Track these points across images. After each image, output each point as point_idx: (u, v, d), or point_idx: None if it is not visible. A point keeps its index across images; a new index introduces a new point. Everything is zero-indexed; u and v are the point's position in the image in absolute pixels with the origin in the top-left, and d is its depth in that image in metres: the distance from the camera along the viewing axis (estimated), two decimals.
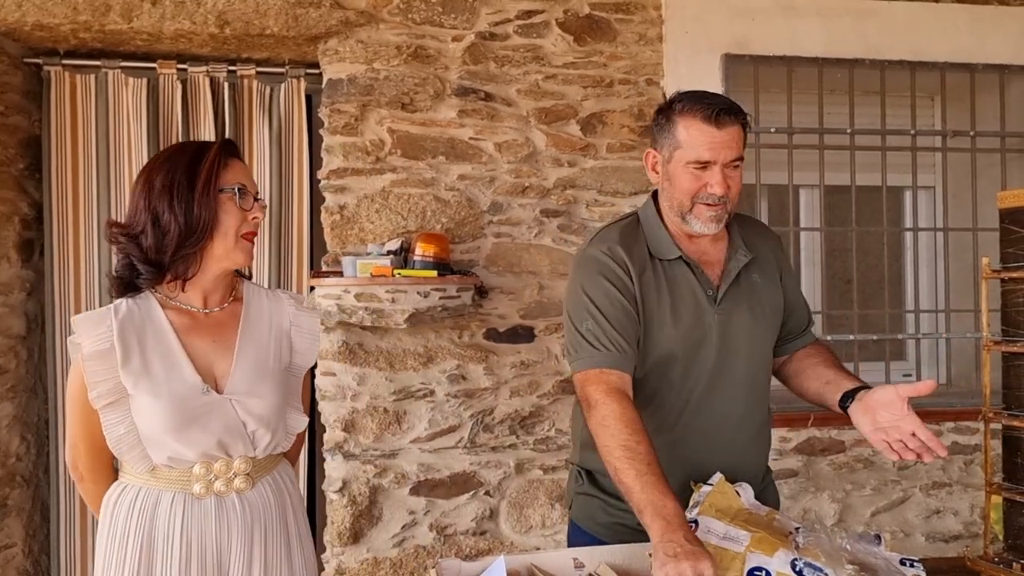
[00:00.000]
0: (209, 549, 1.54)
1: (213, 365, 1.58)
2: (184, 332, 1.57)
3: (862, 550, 1.39)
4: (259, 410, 1.58)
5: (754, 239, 1.77)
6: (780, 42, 3.08)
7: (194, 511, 1.54)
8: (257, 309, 1.68)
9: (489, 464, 2.91)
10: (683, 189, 1.62)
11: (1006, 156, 3.28)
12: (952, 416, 3.15)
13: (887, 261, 3.32)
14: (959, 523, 3.18)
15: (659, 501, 1.33)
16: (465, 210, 2.90)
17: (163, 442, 1.51)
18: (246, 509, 1.58)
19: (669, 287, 1.67)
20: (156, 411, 1.49)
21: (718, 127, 1.58)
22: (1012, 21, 3.23)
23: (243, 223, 1.57)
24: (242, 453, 1.58)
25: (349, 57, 2.84)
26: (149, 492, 1.54)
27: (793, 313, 1.82)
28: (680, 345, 1.66)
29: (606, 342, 1.59)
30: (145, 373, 1.51)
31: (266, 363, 1.64)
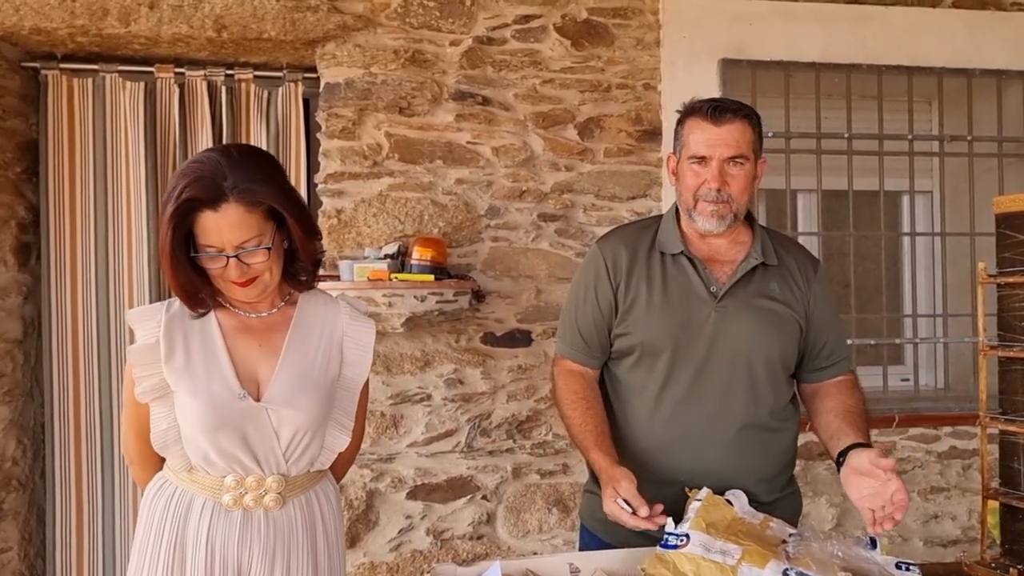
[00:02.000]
0: (231, 562, 1.51)
1: (256, 370, 1.53)
2: (231, 334, 1.54)
3: (855, 555, 1.38)
4: (295, 422, 1.52)
5: (783, 253, 1.79)
6: (778, 47, 3.09)
7: (221, 521, 1.52)
8: (310, 316, 1.61)
9: (486, 468, 2.90)
10: (686, 185, 1.71)
11: (1003, 161, 3.28)
12: (950, 421, 3.15)
13: (885, 265, 3.32)
14: (957, 528, 3.18)
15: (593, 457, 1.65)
16: (462, 214, 2.90)
17: (197, 443, 1.50)
18: (270, 528, 1.54)
19: (664, 279, 1.73)
20: (193, 411, 1.48)
21: (715, 124, 1.65)
22: (1008, 27, 3.23)
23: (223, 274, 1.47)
24: (275, 470, 1.53)
25: (347, 61, 2.84)
26: (184, 493, 1.54)
27: (822, 341, 1.79)
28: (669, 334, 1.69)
29: (574, 337, 1.81)
30: (187, 371, 1.50)
31: (311, 373, 1.56)
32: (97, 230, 2.95)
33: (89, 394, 2.94)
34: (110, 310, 2.96)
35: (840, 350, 1.83)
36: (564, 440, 2.94)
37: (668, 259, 1.75)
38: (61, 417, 2.93)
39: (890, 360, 3.37)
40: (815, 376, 1.82)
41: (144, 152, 2.92)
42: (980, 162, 3.31)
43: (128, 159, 2.95)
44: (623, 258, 1.76)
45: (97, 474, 2.94)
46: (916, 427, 3.15)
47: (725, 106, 1.67)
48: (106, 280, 2.95)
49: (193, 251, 1.45)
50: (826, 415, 1.74)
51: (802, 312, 1.76)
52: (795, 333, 1.75)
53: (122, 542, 2.95)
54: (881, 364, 3.27)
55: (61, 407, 2.93)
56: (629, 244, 1.78)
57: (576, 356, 1.81)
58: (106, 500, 2.94)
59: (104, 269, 2.95)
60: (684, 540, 1.41)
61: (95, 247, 2.94)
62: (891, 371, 3.33)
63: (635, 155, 3.00)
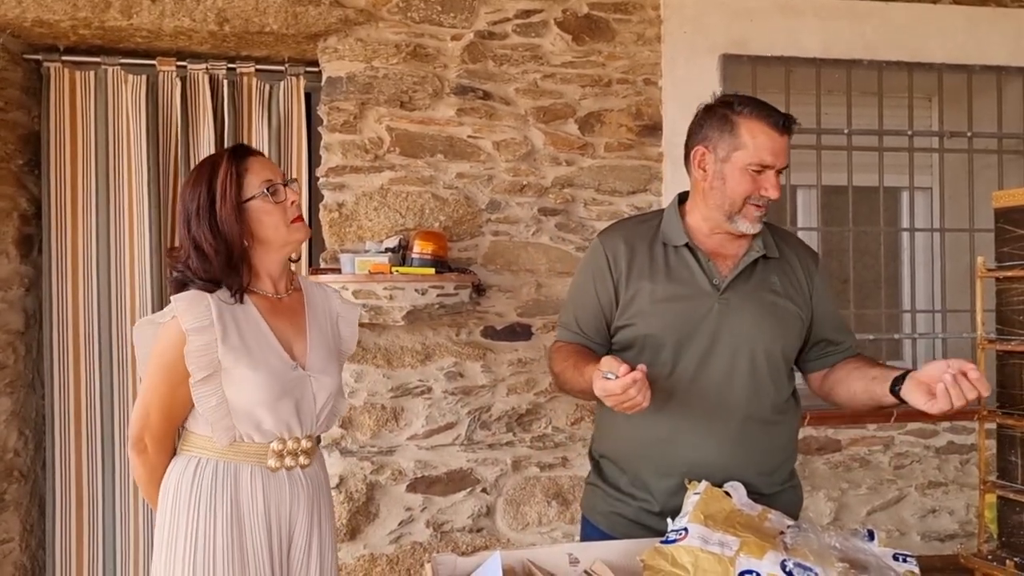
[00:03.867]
0: (283, 518, 1.67)
1: (292, 345, 1.71)
2: (268, 316, 1.69)
3: (853, 547, 1.39)
4: (329, 387, 1.73)
5: (783, 246, 1.81)
6: (778, 42, 3.09)
7: (272, 483, 1.66)
8: (314, 298, 1.82)
9: (486, 461, 2.91)
10: (738, 191, 1.67)
11: (1003, 157, 3.29)
12: (948, 416, 3.15)
13: (884, 261, 3.33)
14: (954, 522, 3.19)
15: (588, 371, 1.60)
16: (463, 208, 2.90)
17: (254, 414, 1.63)
18: (308, 483, 1.72)
19: (667, 271, 1.74)
20: (255, 383, 1.61)
21: (780, 134, 1.66)
22: (1009, 23, 3.24)
23: (285, 214, 1.66)
24: (308, 431, 1.72)
25: (348, 55, 2.84)
26: (228, 465, 1.64)
27: (826, 330, 1.82)
28: (672, 327, 1.70)
29: (574, 328, 1.83)
30: (244, 349, 1.62)
31: (331, 346, 1.80)
32: (99, 222, 2.95)
33: (90, 386, 2.95)
34: (111, 302, 2.97)
35: (847, 336, 1.85)
36: (564, 434, 2.95)
37: (671, 251, 1.75)
38: (62, 408, 2.94)
39: (889, 355, 3.38)
40: (825, 361, 1.83)
41: (146, 145, 2.93)
42: (980, 158, 3.31)
43: (130, 152, 2.95)
44: (624, 251, 1.76)
45: (97, 465, 2.95)
46: (914, 422, 3.16)
47: (788, 119, 1.67)
48: (107, 272, 2.96)
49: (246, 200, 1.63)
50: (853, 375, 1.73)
51: (804, 305, 1.77)
52: (796, 326, 1.76)
53: (122, 533, 2.96)
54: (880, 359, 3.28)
55: (62, 398, 2.94)
56: (630, 237, 1.79)
57: (575, 341, 1.83)
58: (106, 491, 2.95)
59: (106, 261, 2.95)
60: (683, 534, 1.42)
61: (96, 239, 2.95)
62: None
63: (635, 150, 3.00)
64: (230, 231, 1.62)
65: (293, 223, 1.68)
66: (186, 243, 1.65)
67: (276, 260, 1.72)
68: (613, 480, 1.80)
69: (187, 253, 1.65)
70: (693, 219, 1.77)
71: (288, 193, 1.68)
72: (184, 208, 1.65)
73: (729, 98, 1.72)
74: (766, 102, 1.70)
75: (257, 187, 1.64)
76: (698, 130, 1.74)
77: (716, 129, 1.69)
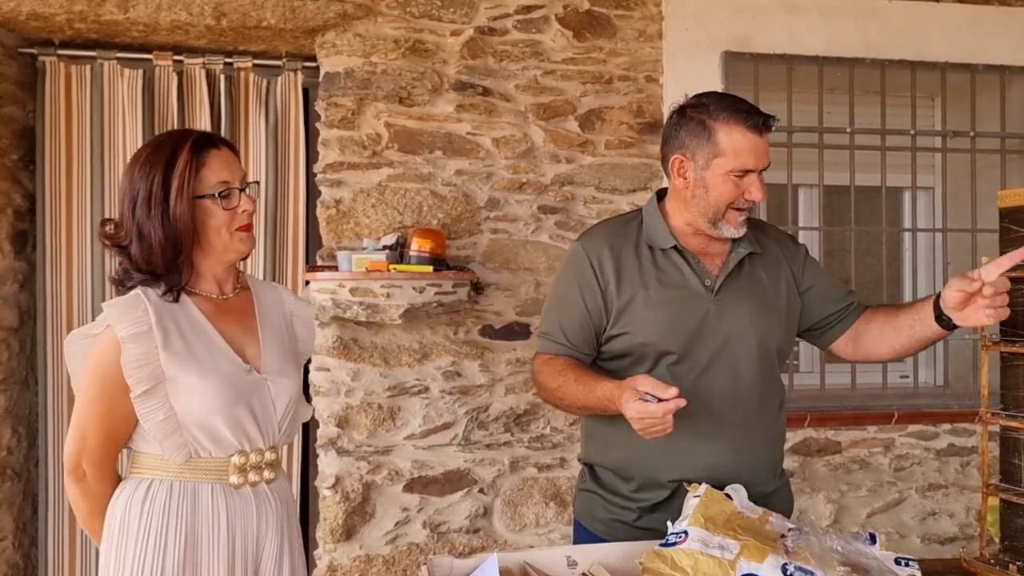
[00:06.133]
0: (250, 539, 1.54)
1: (244, 347, 1.59)
2: (212, 317, 1.57)
3: (854, 551, 1.37)
4: (288, 391, 1.61)
5: (764, 239, 1.79)
6: (780, 40, 3.07)
7: (235, 502, 1.53)
8: (264, 298, 1.70)
9: (483, 462, 2.89)
10: (721, 198, 1.64)
11: (1006, 157, 3.27)
12: (948, 418, 3.14)
13: (886, 261, 3.30)
14: (955, 525, 3.17)
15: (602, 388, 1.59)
16: (462, 205, 2.88)
17: (208, 425, 1.50)
18: (275, 499, 1.59)
19: (658, 275, 1.70)
20: (205, 391, 1.48)
21: (759, 135, 1.61)
22: (1013, 21, 3.21)
23: (232, 220, 1.54)
24: (271, 442, 1.60)
25: (346, 50, 2.82)
26: (184, 485, 1.50)
27: (829, 301, 1.81)
28: (671, 332, 1.67)
29: (558, 337, 1.76)
30: (190, 354, 1.49)
31: (285, 347, 1.68)
32: (93, 218, 2.93)
33: None
34: (106, 299, 2.93)
35: (848, 296, 1.84)
36: (562, 434, 2.93)
37: (658, 254, 1.72)
38: (55, 406, 2.92)
39: None
40: (842, 326, 1.82)
41: (142, 140, 2.90)
42: (982, 158, 3.29)
43: (126, 147, 2.93)
44: (609, 257, 1.71)
45: None
46: (915, 424, 3.14)
47: (767, 118, 1.61)
48: (101, 268, 2.93)
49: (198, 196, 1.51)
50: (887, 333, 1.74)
51: (792, 295, 1.77)
52: (786, 319, 1.76)
53: None
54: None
55: (55, 396, 2.92)
56: (614, 242, 1.74)
57: (561, 353, 1.77)
58: None
59: (100, 258, 2.93)
60: (682, 537, 1.40)
61: (91, 235, 2.92)
62: (890, 368, 3.31)
63: (636, 147, 2.98)
64: (183, 227, 1.49)
65: (238, 231, 1.55)
66: (129, 226, 1.51)
67: (219, 263, 1.59)
68: (613, 487, 1.78)
69: (129, 238, 1.52)
70: (676, 221, 1.73)
71: (242, 200, 1.55)
72: (132, 187, 1.51)
73: (703, 100, 1.66)
74: (741, 100, 1.65)
75: (211, 186, 1.52)
76: (674, 137, 1.69)
77: (693, 136, 1.64)
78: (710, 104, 1.64)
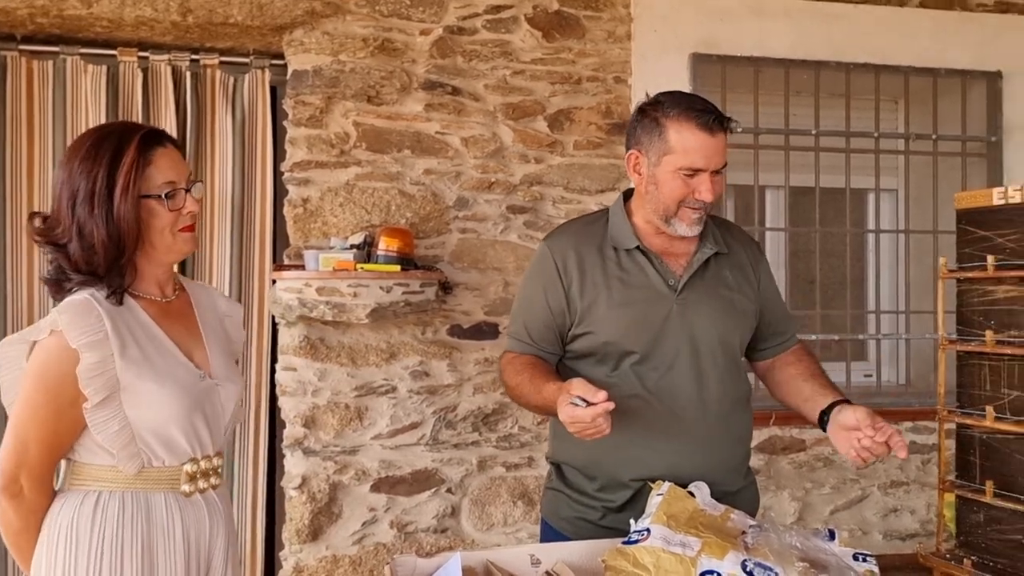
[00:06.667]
0: (202, 547, 1.51)
1: (192, 352, 1.55)
2: (160, 321, 1.52)
3: (813, 547, 1.39)
4: (236, 395, 1.59)
5: (730, 240, 1.81)
6: (747, 43, 3.10)
7: (190, 511, 1.50)
8: (201, 299, 1.66)
9: (451, 461, 2.89)
10: (671, 195, 1.65)
11: (966, 160, 3.33)
12: (910, 416, 3.19)
13: (850, 262, 3.35)
14: (916, 521, 3.22)
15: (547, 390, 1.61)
16: (430, 205, 2.88)
17: (164, 434, 1.45)
18: (224, 505, 1.58)
19: (621, 275, 1.71)
20: (163, 399, 1.44)
21: (711, 134, 1.61)
22: (974, 28, 3.27)
23: (177, 221, 1.50)
24: (219, 447, 1.57)
25: (315, 48, 2.80)
26: (137, 496, 1.45)
27: (773, 319, 1.85)
28: (634, 332, 1.68)
29: (524, 337, 1.78)
30: (146, 361, 1.44)
31: (228, 350, 1.65)
32: None
33: None
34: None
35: (789, 324, 1.88)
36: (530, 433, 2.93)
37: (622, 254, 1.73)
38: None
39: (854, 356, 3.40)
40: (770, 352, 1.87)
41: None
42: (944, 160, 3.35)
43: None
44: (573, 257, 1.73)
45: None
46: None
47: (719, 118, 1.62)
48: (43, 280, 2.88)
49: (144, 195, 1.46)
50: (793, 381, 1.79)
51: (754, 297, 1.79)
52: (749, 319, 1.78)
53: None
54: (845, 360, 3.31)
55: None
56: (579, 242, 1.75)
57: (526, 352, 1.79)
58: None
59: None
60: (645, 534, 1.41)
61: None
62: (855, 367, 3.36)
63: (604, 148, 2.99)
64: (127, 227, 1.42)
65: (182, 231, 1.50)
66: (68, 224, 1.43)
67: (160, 264, 1.54)
68: (578, 486, 1.78)
69: (67, 236, 1.43)
70: (639, 220, 1.75)
71: (188, 200, 1.50)
72: (71, 182, 1.43)
73: (660, 98, 1.67)
74: (698, 99, 1.66)
75: (157, 186, 1.46)
76: (632, 133, 1.71)
77: (647, 133, 1.66)
78: (665, 102, 1.65)
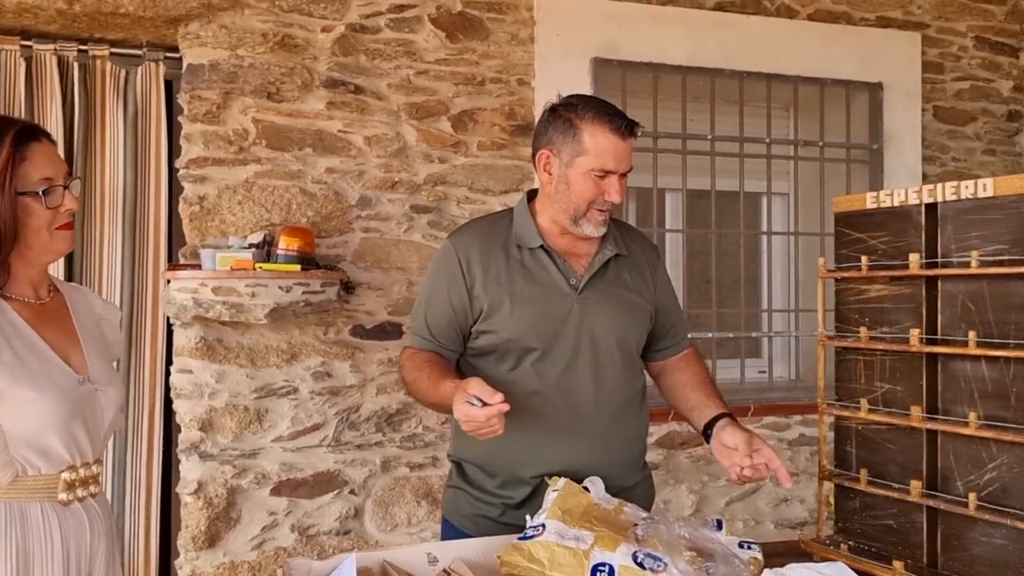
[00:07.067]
0: (83, 557, 1.46)
1: (69, 355, 1.49)
2: (34, 323, 1.45)
3: (701, 536, 1.45)
4: (116, 401, 1.54)
5: (629, 242, 1.85)
6: (647, 49, 3.18)
7: (68, 520, 1.44)
8: (75, 301, 1.60)
9: (354, 462, 2.86)
10: (582, 196, 1.68)
11: (851, 166, 3.51)
12: (799, 410, 3.34)
13: (744, 262, 3.48)
14: (805, 510, 3.38)
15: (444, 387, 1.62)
16: (332, 204, 2.84)
17: (40, 441, 1.40)
18: (104, 513, 1.52)
19: (525, 273, 1.73)
20: (41, 406, 1.39)
21: (623, 139, 1.65)
22: (857, 41, 3.45)
23: (54, 219, 1.45)
24: (98, 454, 1.52)
25: (211, 42, 2.73)
26: (10, 506, 1.39)
27: (668, 322, 1.89)
28: (535, 330, 1.71)
29: (425, 333, 1.79)
30: (22, 366, 1.38)
31: (106, 353, 1.60)
32: None
33: None
34: None
35: (683, 328, 1.94)
36: (434, 433, 2.93)
37: (526, 252, 1.75)
38: None
39: (748, 353, 3.54)
40: (663, 354, 1.92)
41: None
42: (830, 166, 3.52)
43: None
44: (477, 255, 1.74)
45: None
46: (769, 416, 3.32)
47: (630, 123, 1.67)
48: None
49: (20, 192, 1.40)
50: (681, 388, 1.85)
51: (650, 298, 1.84)
52: (645, 320, 1.83)
53: None
54: (739, 357, 3.43)
55: None
56: (483, 240, 1.77)
57: (427, 348, 1.79)
58: None
59: None
60: (540, 530, 1.44)
61: None
62: (749, 363, 3.50)
63: (508, 149, 3.02)
64: (3, 226, 1.38)
65: (59, 230, 1.46)
66: None
67: (36, 265, 1.49)
68: (478, 483, 1.80)
69: None
70: (543, 220, 1.77)
71: (66, 198, 1.45)
72: None
73: (572, 100, 1.71)
74: (609, 104, 1.71)
75: (34, 183, 1.41)
76: (543, 133, 1.73)
77: (560, 133, 1.69)
78: (579, 104, 1.69)
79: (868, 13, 3.51)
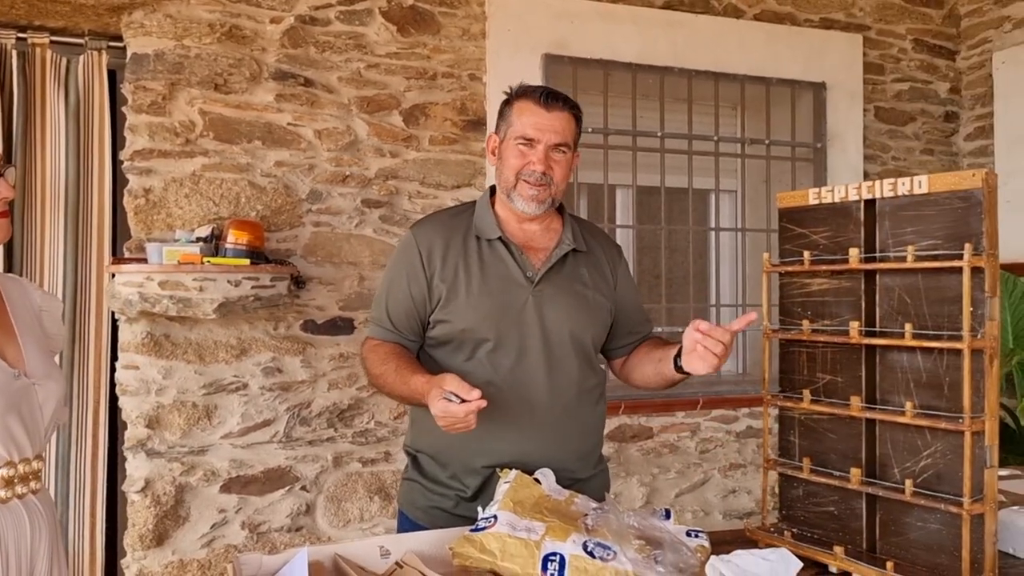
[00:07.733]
0: (24, 555, 1.42)
1: (4, 349, 1.44)
2: None
3: (649, 526, 1.47)
4: (56, 395, 1.49)
5: (590, 240, 1.88)
6: (597, 46, 3.21)
7: (8, 518, 1.40)
8: (11, 292, 1.55)
9: (306, 458, 2.84)
10: (509, 165, 1.74)
11: (796, 164, 3.59)
12: (746, 403, 3.41)
13: (692, 258, 3.54)
14: (752, 501, 3.45)
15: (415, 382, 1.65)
16: (282, 197, 2.81)
17: None
18: (45, 511, 1.48)
19: (482, 264, 1.76)
20: None
21: (546, 109, 1.72)
22: (801, 41, 3.53)
23: None
24: (38, 450, 1.47)
25: (156, 31, 2.68)
26: None
27: (631, 320, 1.92)
28: (490, 320, 1.73)
29: (385, 323, 1.81)
30: None
31: (44, 346, 1.54)
32: None
33: None
34: None
35: (646, 327, 1.97)
36: (386, 428, 2.93)
37: (484, 244, 1.77)
38: None
39: None
40: (626, 349, 1.94)
41: None
42: (776, 164, 3.59)
43: None
44: (438, 246, 1.77)
45: None
46: (718, 409, 3.39)
47: (556, 95, 1.74)
48: None
49: None
50: (646, 356, 1.86)
51: (609, 296, 1.86)
52: (603, 316, 1.85)
53: None
54: None
55: None
56: (444, 231, 1.79)
57: (388, 339, 1.81)
58: None
59: None
60: (492, 521, 1.45)
61: None
62: None
63: (460, 144, 3.03)
64: None
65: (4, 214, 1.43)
66: None
67: None
68: (432, 474, 1.81)
69: None
70: (502, 211, 1.81)
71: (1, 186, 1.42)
72: None
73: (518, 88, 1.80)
74: (544, 87, 1.79)
75: None
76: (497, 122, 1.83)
77: (502, 117, 1.80)
78: (518, 89, 1.79)
79: (812, 14, 3.59)
